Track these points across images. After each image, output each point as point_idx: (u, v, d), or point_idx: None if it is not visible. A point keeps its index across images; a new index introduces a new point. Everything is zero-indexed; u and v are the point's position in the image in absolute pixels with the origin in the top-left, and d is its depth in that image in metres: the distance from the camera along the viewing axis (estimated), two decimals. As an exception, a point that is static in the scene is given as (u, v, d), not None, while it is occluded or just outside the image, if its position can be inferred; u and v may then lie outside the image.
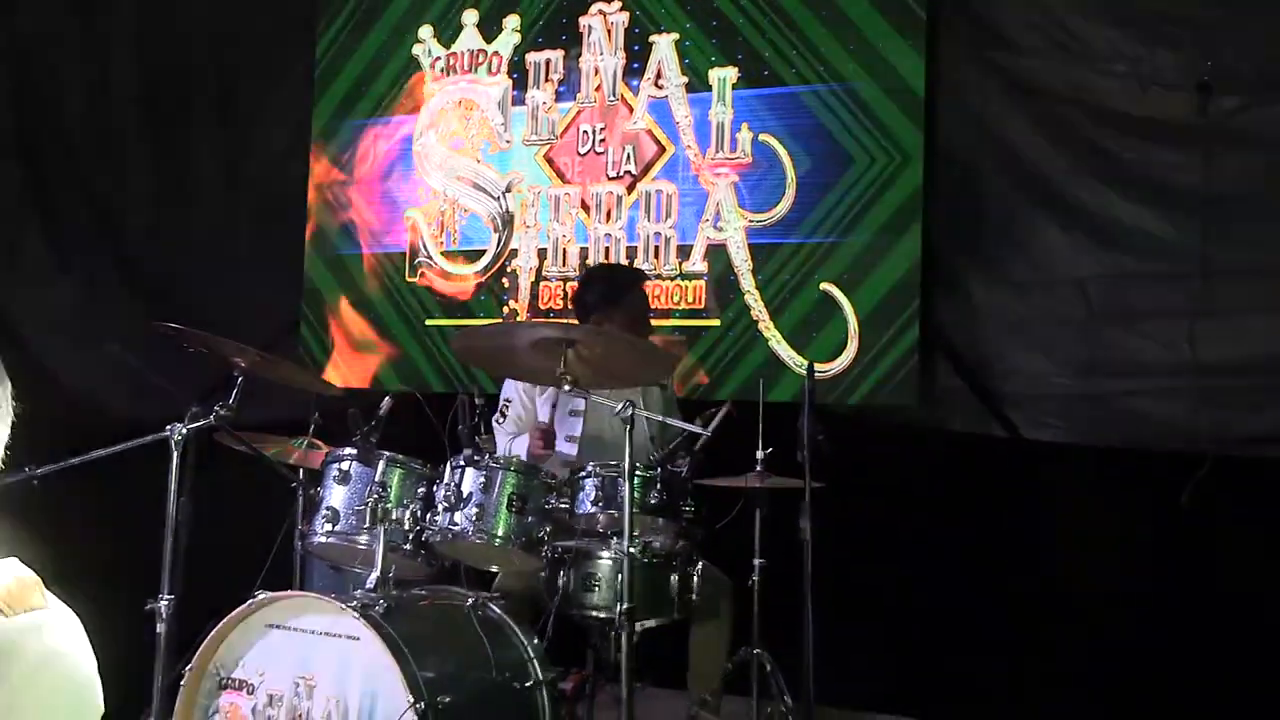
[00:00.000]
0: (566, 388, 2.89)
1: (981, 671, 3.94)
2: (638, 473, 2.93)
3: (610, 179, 4.45)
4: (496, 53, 4.65)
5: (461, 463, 2.98)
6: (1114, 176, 4.03)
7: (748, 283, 4.25)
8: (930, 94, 4.19)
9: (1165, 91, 3.93)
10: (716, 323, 4.32)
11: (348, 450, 3.02)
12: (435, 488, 2.99)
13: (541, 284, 4.58)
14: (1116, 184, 4.03)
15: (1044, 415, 4.09)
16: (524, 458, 3.30)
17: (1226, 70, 3.81)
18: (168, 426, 2.84)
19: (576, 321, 3.59)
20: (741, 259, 4.26)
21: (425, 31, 4.83)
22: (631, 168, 4.43)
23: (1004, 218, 4.19)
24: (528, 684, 2.81)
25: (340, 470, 3.02)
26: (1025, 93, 4.17)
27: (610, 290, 3.62)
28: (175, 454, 2.84)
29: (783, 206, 4.23)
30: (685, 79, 4.36)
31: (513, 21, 4.63)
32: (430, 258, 4.79)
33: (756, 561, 3.39)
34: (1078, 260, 4.08)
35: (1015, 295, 4.17)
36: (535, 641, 2.91)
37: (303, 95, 5.28)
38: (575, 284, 3.75)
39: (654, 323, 4.03)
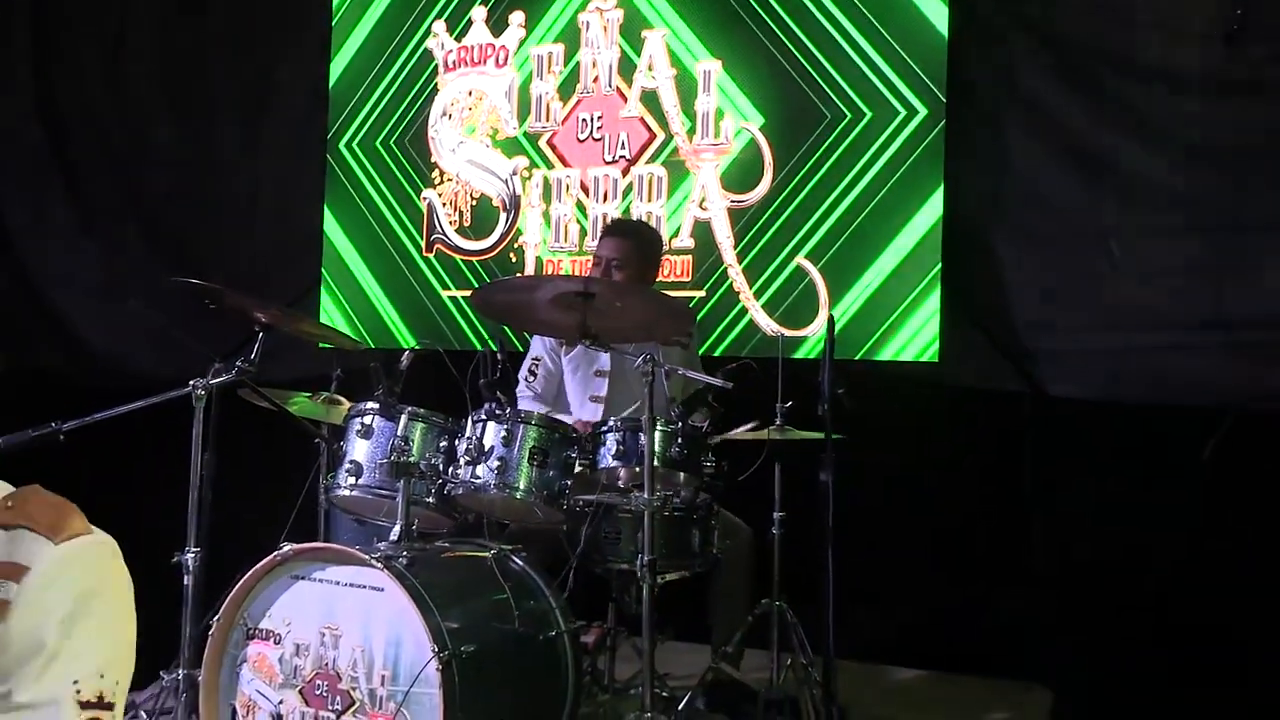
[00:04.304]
0: (586, 342, 2.90)
1: (1003, 626, 3.95)
2: (659, 427, 2.93)
3: (607, 163, 4.72)
4: (504, 46, 4.93)
5: (483, 416, 2.99)
6: (1140, 129, 3.98)
7: (729, 256, 4.49)
8: (954, 46, 4.15)
9: (1193, 42, 3.87)
10: (701, 293, 4.56)
11: (370, 404, 3.04)
12: (457, 441, 3.00)
13: (546, 260, 4.85)
14: (1142, 137, 3.98)
15: (1067, 371, 4.07)
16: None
17: (1256, 19, 3.75)
18: (191, 382, 2.86)
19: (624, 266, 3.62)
20: (724, 234, 4.51)
21: (439, 26, 5.09)
22: (626, 153, 4.68)
23: (1028, 172, 4.15)
24: (551, 634, 2.83)
25: (363, 424, 3.03)
26: (1051, 44, 4.12)
27: (660, 255, 3.82)
28: (199, 409, 2.86)
29: (763, 186, 4.44)
30: (674, 71, 4.59)
31: (518, 17, 4.92)
32: (444, 234, 5.07)
33: (777, 514, 3.40)
34: (1102, 214, 4.04)
35: (1039, 250, 4.14)
36: (558, 592, 2.93)
37: (320, 58, 5.30)
38: (620, 236, 3.77)
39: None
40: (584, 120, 4.78)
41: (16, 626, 1.24)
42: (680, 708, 3.21)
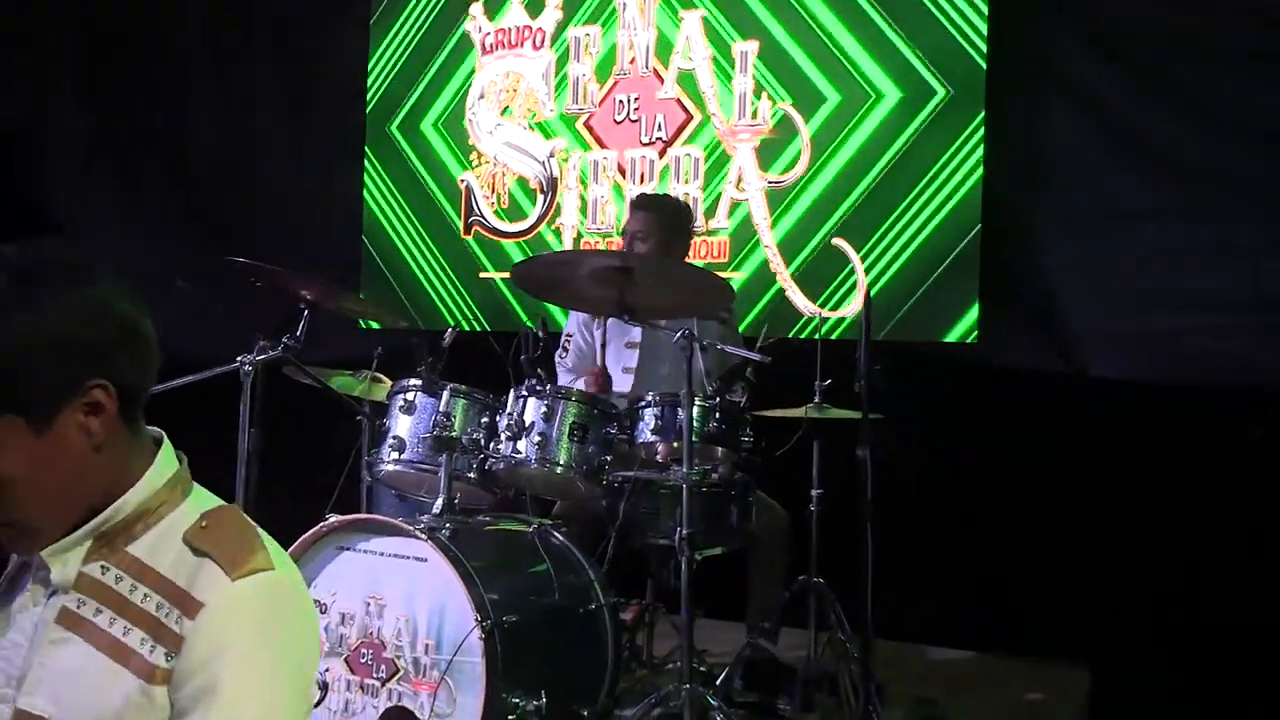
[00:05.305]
0: (625, 318, 2.92)
1: (1041, 606, 3.94)
2: (696, 403, 2.95)
3: (643, 144, 4.73)
4: (540, 28, 4.93)
5: (524, 393, 3.02)
6: (1181, 108, 3.95)
7: (767, 237, 4.49)
8: (995, 26, 4.13)
9: (1236, 19, 3.83)
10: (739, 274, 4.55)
11: (413, 381, 3.08)
12: (498, 417, 3.04)
13: (583, 241, 4.87)
14: (1184, 116, 3.95)
15: (1107, 351, 4.05)
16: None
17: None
18: (238, 359, 2.91)
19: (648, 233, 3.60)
20: (761, 215, 4.50)
21: (476, 8, 5.11)
22: (662, 134, 4.68)
23: (1068, 152, 4.12)
24: (591, 607, 2.87)
25: (406, 400, 3.07)
26: (1091, 23, 4.09)
27: (688, 229, 3.77)
28: (246, 386, 2.90)
29: (800, 167, 4.43)
30: (710, 52, 4.59)
31: None
32: (482, 216, 5.10)
33: (815, 491, 3.41)
34: (1142, 194, 4.01)
35: (1078, 231, 4.11)
36: (597, 567, 2.96)
37: (360, 42, 5.36)
38: (645, 208, 3.73)
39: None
40: (621, 102, 4.79)
41: (189, 665, 1.17)
42: (718, 683, 3.23)
